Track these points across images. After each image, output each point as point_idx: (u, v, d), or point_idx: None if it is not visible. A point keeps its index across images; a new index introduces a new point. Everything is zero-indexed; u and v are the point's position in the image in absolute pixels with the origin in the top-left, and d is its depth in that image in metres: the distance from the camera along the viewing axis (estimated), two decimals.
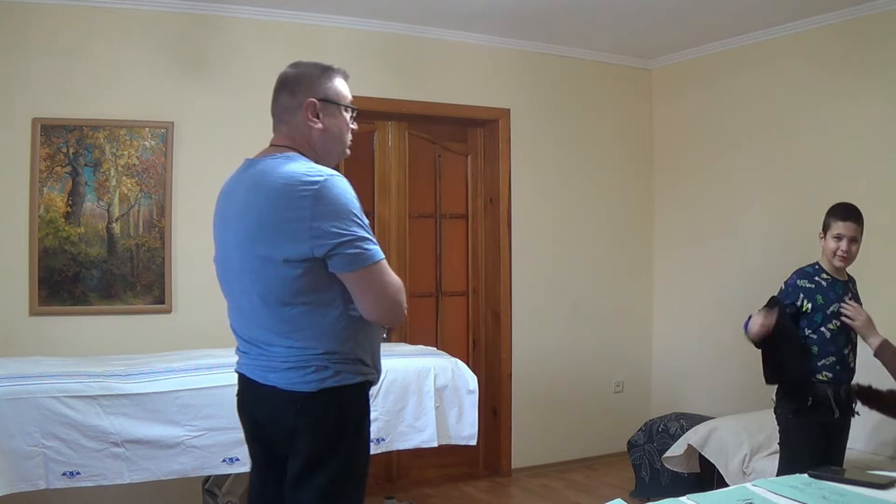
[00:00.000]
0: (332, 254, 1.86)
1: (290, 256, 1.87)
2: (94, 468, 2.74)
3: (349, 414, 1.99)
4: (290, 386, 1.94)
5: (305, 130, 2.04)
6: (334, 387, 1.94)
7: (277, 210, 1.88)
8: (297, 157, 1.98)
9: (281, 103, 2.07)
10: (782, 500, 1.94)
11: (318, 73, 2.09)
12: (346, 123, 2.12)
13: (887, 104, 4.14)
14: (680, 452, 4.07)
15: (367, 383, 2.05)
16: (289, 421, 1.97)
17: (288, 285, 1.89)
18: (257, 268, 1.93)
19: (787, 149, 4.67)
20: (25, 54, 3.91)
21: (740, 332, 3.20)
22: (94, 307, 4.03)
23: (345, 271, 1.88)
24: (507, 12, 4.49)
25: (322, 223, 1.84)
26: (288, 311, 1.92)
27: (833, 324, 3.11)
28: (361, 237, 1.88)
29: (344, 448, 1.98)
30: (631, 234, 5.53)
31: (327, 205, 1.85)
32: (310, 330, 1.92)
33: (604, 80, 5.40)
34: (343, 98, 2.12)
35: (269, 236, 1.89)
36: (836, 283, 3.14)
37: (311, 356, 1.93)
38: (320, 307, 1.92)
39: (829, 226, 3.13)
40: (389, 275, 1.94)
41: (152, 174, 4.15)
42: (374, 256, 1.90)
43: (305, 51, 4.49)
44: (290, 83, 2.07)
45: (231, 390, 2.95)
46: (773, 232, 4.75)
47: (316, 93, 2.05)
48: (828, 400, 3.05)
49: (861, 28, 4.24)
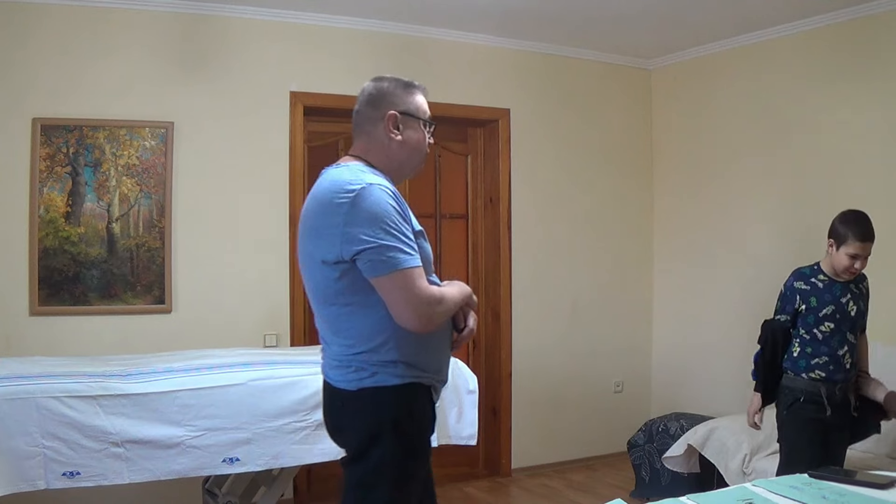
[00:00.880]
0: (359, 258, 1.93)
1: (326, 258, 1.97)
2: (94, 468, 2.74)
3: (385, 415, 2.01)
4: (337, 383, 2.07)
5: (385, 141, 2.13)
6: (371, 387, 2.01)
7: (321, 215, 1.99)
8: (354, 166, 2.07)
9: (363, 115, 2.15)
10: (782, 500, 1.94)
11: (400, 88, 2.16)
12: (424, 137, 2.19)
13: (887, 104, 4.14)
14: (680, 452, 4.07)
15: (416, 386, 2.06)
16: (335, 417, 2.13)
17: (330, 286, 2.00)
18: (309, 268, 2.06)
19: (786, 148, 4.66)
20: (25, 54, 3.91)
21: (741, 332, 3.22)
22: (94, 307, 4.03)
23: (371, 276, 1.95)
24: (507, 12, 4.49)
25: (353, 228, 1.92)
26: (333, 311, 2.04)
27: (826, 325, 3.13)
28: (389, 245, 1.92)
29: (380, 448, 2.01)
30: (631, 234, 5.53)
31: (360, 211, 1.93)
32: (352, 330, 2.02)
33: (604, 80, 5.40)
34: (423, 113, 2.19)
35: (314, 238, 2.02)
36: (834, 285, 3.15)
37: (352, 356, 2.02)
38: (361, 309, 1.99)
39: (846, 241, 3.06)
40: (417, 283, 1.95)
41: (152, 174, 4.15)
42: (401, 264, 1.93)
43: (305, 51, 4.52)
44: (372, 96, 2.14)
45: (231, 390, 2.99)
46: (772, 231, 4.75)
47: (397, 106, 2.13)
48: (819, 398, 3.09)
49: (861, 28, 4.24)
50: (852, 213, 3.13)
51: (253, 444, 2.97)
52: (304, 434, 3.05)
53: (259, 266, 4.37)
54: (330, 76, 4.55)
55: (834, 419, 3.09)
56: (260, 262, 4.37)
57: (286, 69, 4.45)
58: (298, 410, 3.05)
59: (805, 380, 3.13)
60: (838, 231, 3.10)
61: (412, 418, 2.06)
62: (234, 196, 4.32)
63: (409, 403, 2.05)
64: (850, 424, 3.16)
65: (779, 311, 3.25)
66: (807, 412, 3.11)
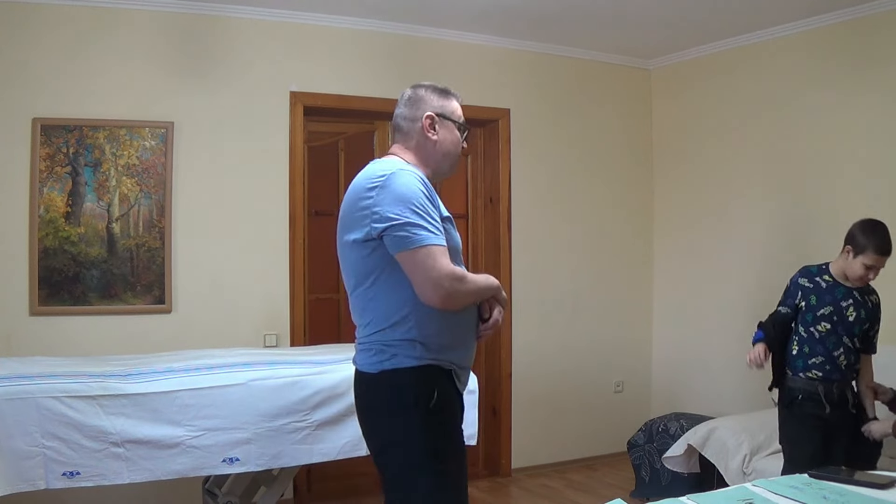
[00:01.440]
0: (385, 234, 2.03)
1: (357, 237, 2.08)
2: (94, 468, 2.74)
3: (407, 398, 2.06)
4: (361, 366, 2.16)
5: (422, 141, 2.26)
6: (390, 369, 2.07)
7: (354, 200, 2.11)
8: (392, 159, 2.20)
9: (402, 115, 2.29)
10: (782, 500, 1.94)
11: (437, 93, 2.30)
12: (458, 140, 2.32)
13: (887, 104, 4.14)
14: (680, 452, 4.07)
15: (433, 368, 2.09)
16: (360, 400, 2.20)
17: (360, 265, 2.10)
18: (344, 250, 2.17)
19: (786, 148, 4.66)
20: (25, 54, 3.91)
21: (740, 332, 3.23)
22: (94, 307, 4.03)
23: (395, 251, 2.04)
24: (507, 12, 4.49)
25: (381, 207, 2.03)
26: (362, 292, 2.13)
27: (822, 326, 3.15)
28: (413, 223, 2.02)
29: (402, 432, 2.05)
30: (631, 234, 5.53)
31: (389, 192, 2.04)
32: (376, 310, 2.10)
33: (604, 80, 5.40)
34: (458, 116, 2.32)
35: (348, 223, 2.12)
36: (838, 288, 3.16)
37: (373, 336, 2.11)
38: (386, 286, 2.08)
39: (864, 251, 3.05)
40: (438, 260, 2.03)
41: (152, 174, 4.15)
42: (423, 241, 2.02)
43: (305, 51, 4.52)
44: (411, 99, 2.29)
45: (230, 390, 2.99)
46: (772, 231, 4.75)
47: (434, 108, 2.27)
48: (818, 395, 3.12)
49: (861, 28, 4.24)
50: (873, 224, 3.10)
51: (253, 444, 2.97)
52: (304, 434, 3.05)
53: (259, 266, 4.37)
54: (330, 76, 4.55)
55: (833, 416, 3.12)
56: (260, 262, 4.37)
57: (286, 69, 4.45)
58: (298, 410, 3.05)
59: (803, 379, 3.17)
60: (858, 240, 3.07)
61: (434, 400, 2.08)
62: (234, 196, 4.32)
63: (430, 385, 2.08)
64: (851, 422, 3.17)
65: (781, 304, 3.29)
66: (806, 409, 3.15)
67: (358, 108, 4.66)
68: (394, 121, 2.32)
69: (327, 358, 3.32)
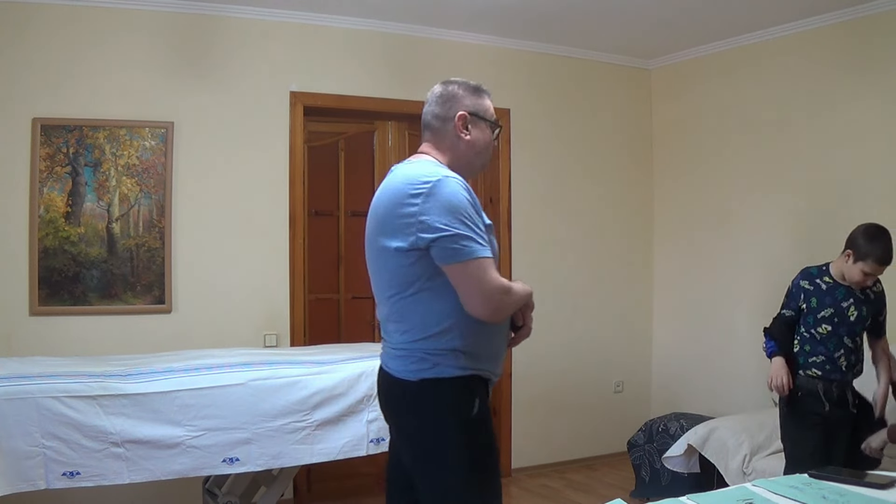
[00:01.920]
0: (433, 245, 1.97)
1: (401, 246, 2.01)
2: (94, 468, 2.74)
3: (447, 407, 2.04)
4: (398, 374, 2.08)
5: (454, 140, 2.20)
6: (432, 378, 2.03)
7: (395, 205, 2.03)
8: (425, 162, 2.13)
9: (433, 114, 2.22)
10: (782, 500, 1.94)
11: (469, 91, 2.23)
12: (490, 139, 2.26)
13: (887, 104, 4.14)
14: (680, 452, 4.07)
15: (475, 378, 2.08)
16: (398, 408, 2.13)
17: (402, 273, 2.04)
18: (379, 258, 2.11)
19: (787, 148, 4.66)
20: (25, 54, 3.91)
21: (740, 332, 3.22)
22: (94, 307, 4.03)
23: (443, 264, 1.99)
24: (508, 12, 4.49)
25: (429, 216, 1.97)
26: (401, 299, 2.06)
27: (823, 328, 3.16)
28: (463, 234, 1.97)
29: (446, 443, 2.02)
30: (631, 234, 5.53)
31: (436, 201, 1.98)
32: (418, 318, 2.05)
33: (604, 80, 5.40)
34: (490, 115, 2.25)
35: (387, 228, 2.05)
36: (838, 289, 3.16)
37: (414, 343, 2.05)
38: (430, 296, 2.03)
39: (865, 259, 3.03)
40: (489, 272, 2.00)
41: (152, 174, 4.15)
42: (473, 253, 1.98)
43: (305, 51, 4.52)
44: (443, 97, 2.21)
45: (230, 390, 2.99)
46: (772, 232, 4.75)
47: (467, 107, 2.20)
48: (817, 393, 3.14)
49: (861, 28, 4.24)
50: (876, 231, 3.07)
51: (253, 444, 2.97)
52: (304, 434, 3.05)
53: (259, 266, 4.37)
54: (330, 76, 4.55)
55: (833, 415, 3.13)
56: (260, 262, 4.37)
57: (286, 69, 4.45)
58: (298, 410, 3.05)
59: (802, 376, 3.19)
60: (860, 246, 3.05)
61: (475, 410, 2.08)
62: (234, 196, 4.32)
63: (471, 395, 2.07)
64: (851, 421, 3.17)
65: (784, 307, 3.30)
66: (806, 406, 3.16)
67: (358, 108, 4.66)
68: (424, 118, 2.24)
69: (327, 358, 3.32)
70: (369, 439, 3.16)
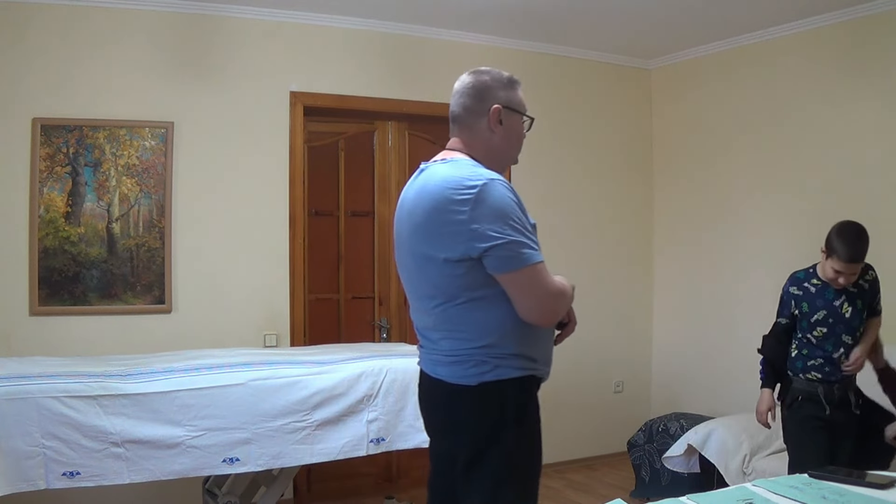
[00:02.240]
0: (487, 255, 1.91)
1: (450, 256, 1.94)
2: (94, 468, 2.74)
3: (508, 408, 2.01)
4: (453, 379, 2.01)
5: (486, 135, 2.11)
6: (493, 381, 1.98)
7: (440, 212, 1.94)
8: (462, 162, 2.04)
9: (465, 107, 2.13)
10: (782, 500, 1.94)
11: (503, 82, 2.16)
12: (522, 132, 2.20)
13: (887, 104, 4.14)
14: (680, 452, 4.07)
15: (532, 379, 2.07)
16: (452, 414, 2.05)
17: (451, 283, 1.97)
18: (422, 266, 2.02)
19: (787, 149, 4.66)
20: (25, 54, 3.91)
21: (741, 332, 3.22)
22: (94, 307, 4.03)
23: (498, 272, 1.93)
24: (507, 12, 4.49)
25: (479, 225, 1.89)
26: (451, 307, 1.99)
27: (818, 331, 3.14)
28: (517, 241, 1.92)
29: (504, 443, 2.00)
30: (631, 234, 5.53)
31: (486, 208, 1.90)
32: (472, 325, 1.98)
33: (604, 80, 5.40)
34: (524, 108, 2.19)
35: (432, 237, 1.97)
36: (828, 289, 3.14)
37: (472, 351, 1.98)
38: (483, 304, 1.97)
39: (833, 256, 3.02)
40: (544, 278, 1.97)
41: (152, 174, 4.15)
42: (528, 260, 1.93)
43: (305, 51, 4.52)
44: (476, 89, 2.13)
45: (230, 390, 2.99)
46: (772, 231, 4.75)
47: (501, 99, 2.13)
48: (817, 397, 3.12)
49: (861, 28, 4.24)
50: (848, 228, 3.04)
51: (253, 444, 2.97)
52: (304, 434, 3.05)
53: (259, 266, 4.37)
54: (330, 76, 4.55)
55: (835, 417, 3.11)
56: (260, 262, 4.37)
57: (286, 69, 4.45)
58: (298, 410, 3.05)
59: (803, 380, 3.17)
60: (831, 243, 3.04)
61: (531, 412, 2.07)
62: (234, 196, 4.32)
63: (529, 396, 2.06)
64: (856, 422, 3.15)
65: (778, 315, 3.29)
66: (806, 410, 3.14)
67: (358, 108, 4.66)
68: (453, 111, 2.15)
69: (327, 358, 3.32)
70: (369, 439, 3.16)
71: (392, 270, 4.86)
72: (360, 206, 4.86)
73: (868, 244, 3.04)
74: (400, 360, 3.34)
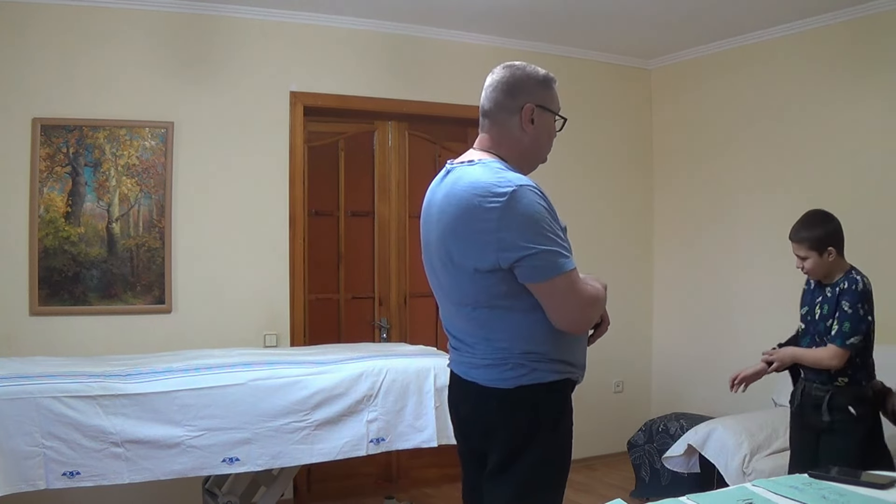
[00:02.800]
0: (518, 266, 1.86)
1: (480, 266, 1.88)
2: (94, 468, 2.74)
3: (545, 411, 2.01)
4: (489, 382, 1.97)
5: (517, 134, 2.04)
6: (530, 384, 1.95)
7: (467, 220, 1.88)
8: (490, 164, 1.96)
9: (497, 102, 2.04)
10: (782, 500, 1.94)
11: (538, 79, 2.08)
12: (554, 132, 2.11)
13: (887, 104, 4.14)
14: (680, 452, 4.07)
15: (568, 382, 2.06)
16: (487, 416, 2.00)
17: (484, 291, 1.92)
18: (453, 273, 1.96)
19: (786, 149, 4.66)
20: (25, 54, 3.91)
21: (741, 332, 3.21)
22: (94, 307, 4.03)
23: (531, 282, 1.88)
24: (507, 12, 4.49)
25: (508, 234, 1.84)
26: (484, 313, 1.95)
27: (801, 327, 3.14)
28: (548, 250, 1.86)
29: (539, 445, 2.00)
30: (631, 234, 5.53)
31: (515, 216, 1.84)
32: (508, 331, 1.94)
33: (604, 80, 5.40)
34: (557, 107, 2.11)
35: (461, 245, 1.91)
36: (818, 287, 3.10)
37: (508, 354, 1.95)
38: (518, 311, 1.93)
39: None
40: (578, 287, 1.92)
41: (152, 174, 4.15)
42: (562, 268, 1.88)
43: (305, 51, 4.52)
44: (509, 84, 2.05)
45: (230, 390, 2.99)
46: (772, 231, 4.74)
47: (535, 98, 2.04)
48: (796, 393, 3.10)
49: (861, 28, 4.24)
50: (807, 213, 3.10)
51: (253, 444, 2.97)
52: (304, 434, 3.05)
53: (259, 266, 4.37)
54: (330, 76, 4.55)
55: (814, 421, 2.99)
56: (260, 262, 4.37)
57: (286, 69, 4.45)
58: (298, 410, 3.05)
59: (801, 380, 3.15)
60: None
61: (567, 415, 2.08)
62: (234, 196, 4.32)
63: (565, 399, 2.07)
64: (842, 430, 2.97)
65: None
66: (792, 411, 3.14)
67: (358, 108, 4.66)
68: (484, 106, 2.06)
69: (327, 358, 3.33)
70: (369, 439, 3.16)
71: (392, 270, 4.86)
72: (360, 206, 4.86)
73: (820, 231, 2.98)
74: (400, 361, 3.34)
